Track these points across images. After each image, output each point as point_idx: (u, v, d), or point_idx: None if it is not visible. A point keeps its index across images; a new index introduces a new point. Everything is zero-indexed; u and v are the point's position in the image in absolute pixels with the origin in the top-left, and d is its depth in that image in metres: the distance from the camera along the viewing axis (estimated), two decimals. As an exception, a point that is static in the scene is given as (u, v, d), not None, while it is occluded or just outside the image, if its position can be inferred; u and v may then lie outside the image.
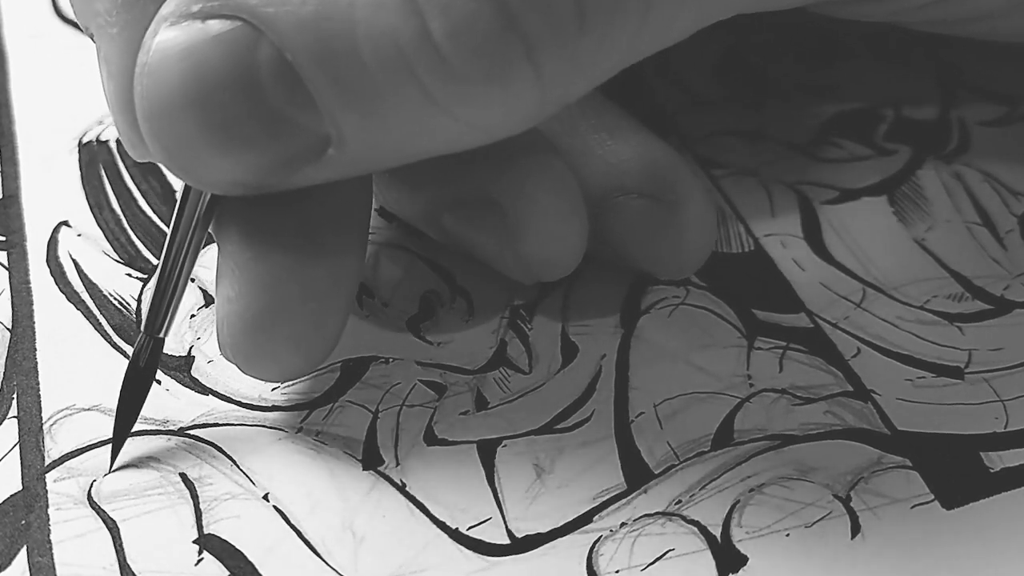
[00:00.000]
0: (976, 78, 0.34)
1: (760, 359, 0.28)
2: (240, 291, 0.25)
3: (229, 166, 0.22)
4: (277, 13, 0.21)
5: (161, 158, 0.23)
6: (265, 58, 0.21)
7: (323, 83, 0.21)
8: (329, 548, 0.25)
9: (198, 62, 0.22)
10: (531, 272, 0.27)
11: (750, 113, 0.33)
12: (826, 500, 0.25)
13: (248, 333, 0.25)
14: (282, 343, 0.25)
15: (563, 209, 0.26)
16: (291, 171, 0.23)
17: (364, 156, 0.23)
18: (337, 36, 0.21)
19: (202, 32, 0.22)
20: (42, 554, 0.25)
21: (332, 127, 0.22)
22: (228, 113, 0.22)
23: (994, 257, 0.30)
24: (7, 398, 0.27)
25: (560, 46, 0.22)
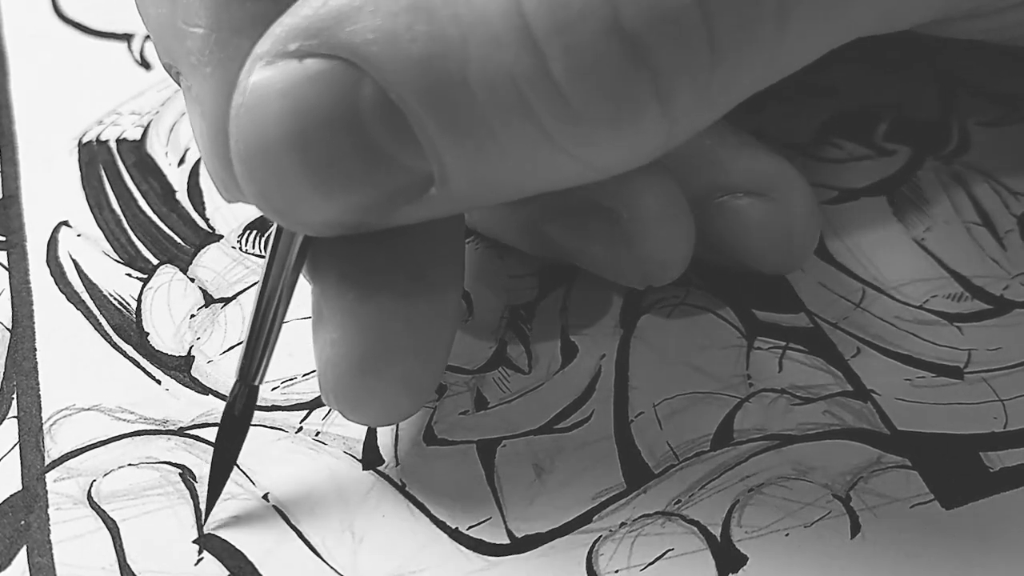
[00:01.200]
0: (976, 78, 0.34)
1: (760, 359, 0.28)
2: (344, 334, 0.24)
3: (328, 207, 0.22)
4: (382, 52, 0.21)
5: (257, 200, 0.22)
6: (367, 97, 0.21)
7: (430, 121, 0.21)
8: (329, 548, 0.25)
9: (297, 101, 0.21)
10: (645, 276, 0.27)
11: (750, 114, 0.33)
12: (825, 500, 0.25)
13: (356, 376, 0.24)
14: (391, 384, 0.24)
15: (673, 212, 0.26)
16: (391, 210, 0.22)
17: (467, 195, 0.22)
18: (448, 74, 0.20)
19: (300, 71, 0.21)
20: (42, 554, 0.25)
21: (436, 165, 0.21)
22: (328, 153, 0.21)
23: (993, 257, 0.30)
24: (7, 398, 0.27)
25: (692, 81, 0.21)
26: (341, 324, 0.24)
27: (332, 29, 0.21)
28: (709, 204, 0.27)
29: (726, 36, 0.21)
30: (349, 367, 0.24)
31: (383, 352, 0.24)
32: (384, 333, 0.24)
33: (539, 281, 0.29)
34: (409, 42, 0.20)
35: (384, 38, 0.21)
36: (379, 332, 0.24)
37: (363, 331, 0.24)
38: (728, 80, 0.21)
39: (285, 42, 0.21)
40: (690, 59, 0.21)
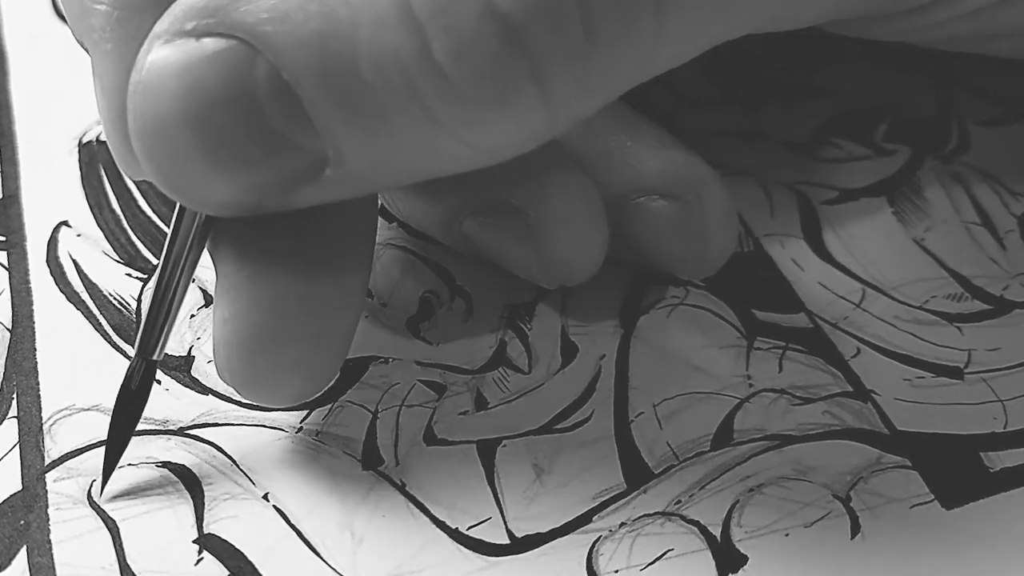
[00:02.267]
0: (975, 78, 0.34)
1: (759, 359, 0.28)
2: (237, 311, 0.24)
3: (224, 186, 0.22)
4: (275, 32, 0.21)
5: (155, 177, 0.22)
6: (262, 77, 0.21)
7: (323, 103, 0.21)
8: (329, 548, 0.25)
9: (193, 80, 0.21)
10: (554, 276, 0.27)
11: (749, 114, 0.33)
12: (826, 500, 0.25)
13: (246, 355, 0.24)
14: (283, 365, 0.24)
15: (583, 213, 0.26)
16: (288, 192, 0.22)
17: (364, 176, 0.22)
18: (338, 55, 0.21)
19: (197, 50, 0.21)
20: (42, 554, 0.25)
21: (330, 147, 0.21)
22: (223, 132, 0.21)
23: (993, 257, 0.30)
24: (7, 398, 0.27)
25: (568, 66, 0.21)
26: (234, 301, 0.24)
27: (227, 8, 0.21)
28: (625, 205, 0.27)
29: (602, 24, 0.21)
30: (241, 346, 0.24)
31: (275, 332, 0.24)
32: (277, 313, 0.24)
33: (539, 281, 0.29)
34: (301, 22, 0.21)
35: (277, 17, 0.21)
36: (272, 312, 0.24)
37: (256, 309, 0.24)
38: (606, 68, 0.22)
39: (183, 21, 0.21)
40: (565, 45, 0.21)
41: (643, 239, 0.27)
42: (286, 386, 0.25)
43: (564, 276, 0.27)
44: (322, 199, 0.23)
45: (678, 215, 0.27)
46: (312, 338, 0.24)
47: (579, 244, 0.26)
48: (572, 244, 0.26)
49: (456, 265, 0.30)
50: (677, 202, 0.27)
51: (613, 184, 0.27)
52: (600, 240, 0.26)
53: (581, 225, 0.26)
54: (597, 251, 0.26)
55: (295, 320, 0.24)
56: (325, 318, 0.24)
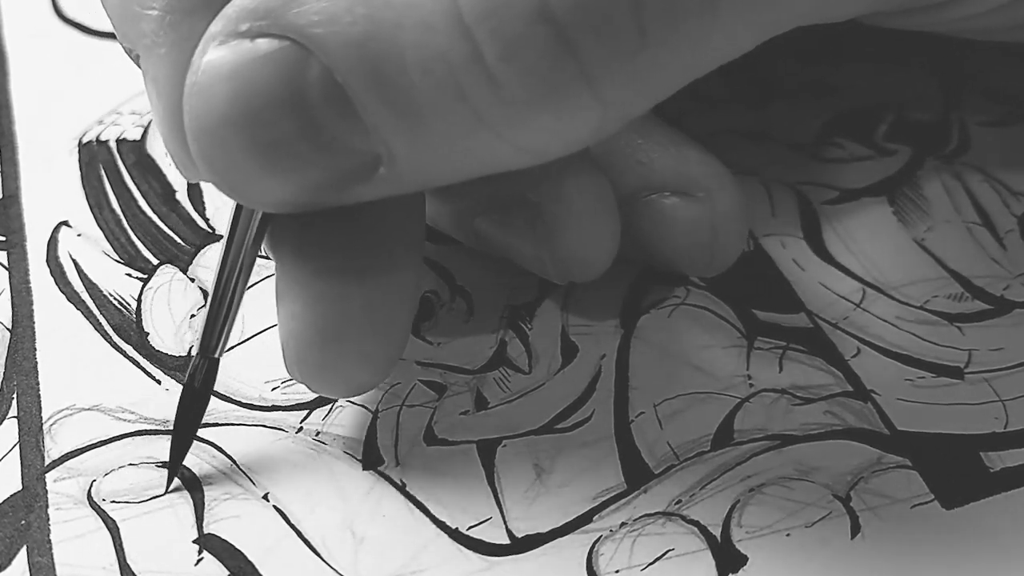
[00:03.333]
0: (976, 78, 0.34)
1: (760, 359, 0.28)
2: (304, 307, 0.24)
3: (279, 185, 0.22)
4: (326, 34, 0.21)
5: (211, 178, 0.22)
6: (314, 78, 0.21)
7: (373, 103, 0.21)
8: (329, 548, 0.25)
9: (247, 81, 0.21)
10: (566, 272, 0.27)
11: (753, 113, 0.33)
12: (826, 500, 0.25)
13: (316, 348, 0.24)
14: (350, 357, 0.25)
15: (597, 209, 0.26)
16: (342, 190, 0.22)
17: (416, 176, 0.22)
18: (386, 57, 0.21)
19: (251, 51, 0.21)
20: (42, 554, 0.25)
21: (382, 147, 0.22)
22: (277, 132, 0.21)
23: (994, 257, 0.30)
24: (7, 398, 0.27)
25: (619, 66, 0.21)
26: (300, 297, 0.24)
27: (280, 10, 0.21)
28: (637, 202, 0.27)
29: (654, 21, 0.21)
30: (310, 340, 0.24)
31: (342, 325, 0.24)
32: (342, 307, 0.24)
33: (539, 281, 0.29)
34: (349, 24, 0.21)
35: (327, 19, 0.21)
36: (337, 306, 0.24)
37: (322, 305, 0.24)
38: (658, 67, 0.21)
39: (237, 22, 0.21)
40: (618, 45, 0.21)
41: (654, 236, 0.27)
42: (352, 378, 0.25)
43: (576, 272, 0.27)
44: (376, 196, 0.23)
45: (689, 213, 0.27)
46: (374, 332, 0.25)
47: (592, 241, 0.26)
48: (585, 241, 0.26)
49: (456, 265, 0.30)
50: (688, 200, 0.27)
51: (625, 181, 0.27)
52: (612, 237, 0.26)
53: (594, 222, 0.26)
54: (609, 248, 0.26)
55: (358, 315, 0.24)
56: (384, 312, 0.25)
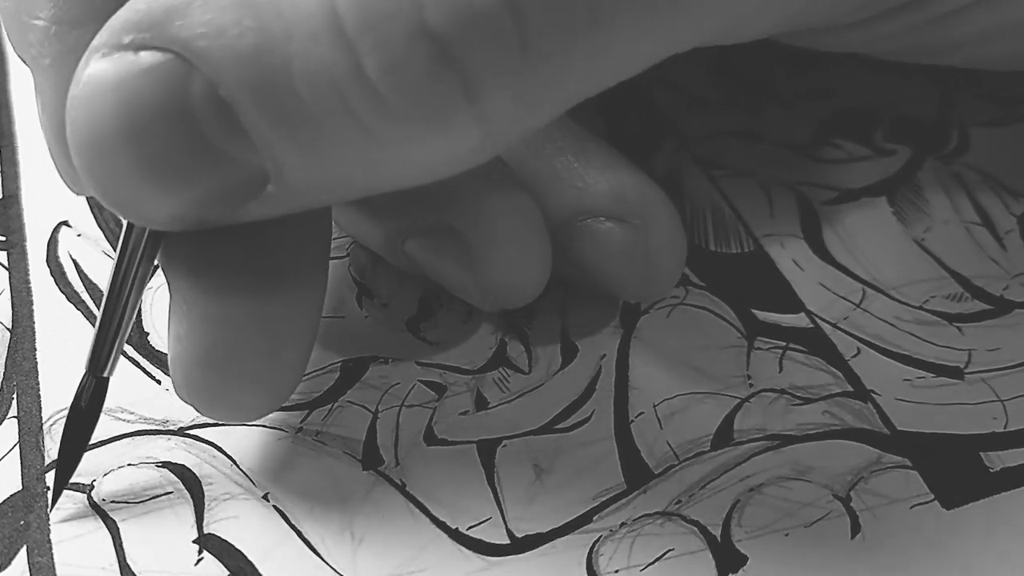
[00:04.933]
0: (976, 79, 0.34)
1: (760, 359, 0.28)
2: (190, 328, 0.24)
3: (165, 201, 0.22)
4: (210, 47, 0.20)
5: (96, 192, 0.22)
6: (198, 92, 0.21)
7: (258, 118, 0.21)
8: (329, 548, 0.25)
9: (130, 94, 0.21)
10: (494, 299, 0.27)
11: (749, 114, 0.33)
12: (825, 500, 0.25)
13: (200, 372, 0.24)
14: (237, 382, 0.24)
15: (524, 236, 0.26)
16: (232, 207, 0.22)
17: (305, 192, 0.22)
18: (273, 71, 0.20)
19: (134, 64, 0.21)
20: (42, 554, 0.25)
21: (270, 162, 0.21)
22: (161, 147, 0.21)
23: (993, 257, 0.30)
24: (7, 398, 0.27)
25: (503, 82, 0.20)
26: (187, 317, 0.24)
27: (164, 22, 0.21)
28: (572, 226, 0.26)
29: (537, 38, 0.20)
30: (194, 363, 0.24)
31: (228, 348, 0.24)
32: (229, 329, 0.24)
33: (539, 281, 0.29)
34: (236, 37, 0.20)
35: (213, 32, 0.20)
36: (226, 328, 0.24)
37: (208, 326, 0.24)
38: (544, 84, 0.21)
39: (120, 35, 0.21)
40: (500, 61, 0.20)
41: (589, 261, 0.27)
42: (242, 402, 0.25)
43: (504, 299, 0.26)
44: (267, 214, 0.22)
45: (624, 238, 0.26)
46: (266, 354, 0.24)
47: (519, 268, 0.26)
48: (511, 268, 0.26)
49: (456, 265, 0.30)
50: (624, 225, 0.26)
51: (560, 205, 0.26)
52: (540, 264, 0.26)
53: (521, 249, 0.26)
54: (537, 275, 0.26)
55: (248, 336, 0.24)
56: (279, 333, 0.24)
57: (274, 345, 0.24)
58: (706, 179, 0.32)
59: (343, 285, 0.29)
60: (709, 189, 0.31)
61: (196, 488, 0.26)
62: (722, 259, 0.30)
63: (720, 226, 0.31)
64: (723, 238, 0.30)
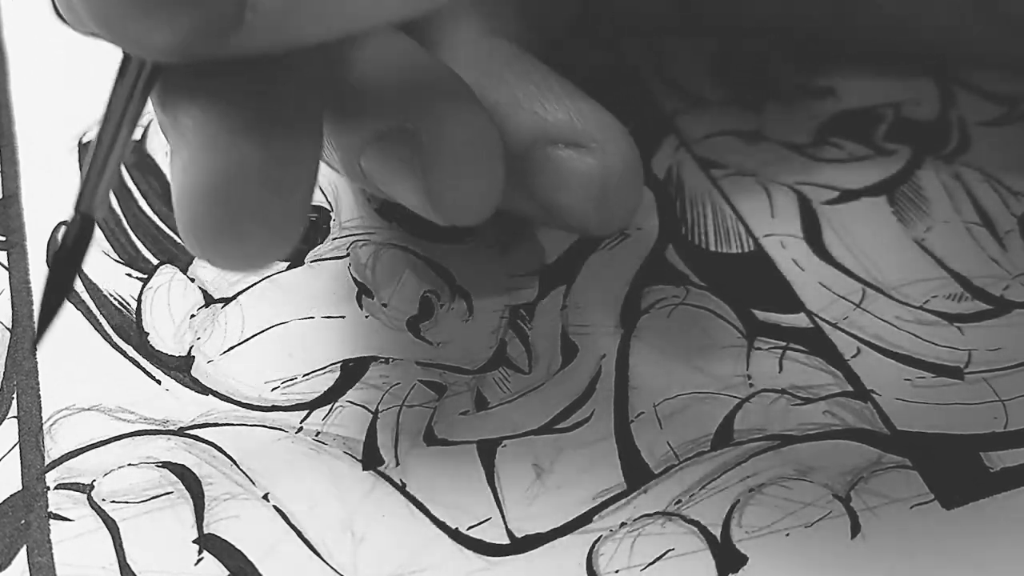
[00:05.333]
0: (976, 78, 0.34)
1: (760, 359, 0.28)
2: (191, 157, 0.23)
3: (154, 28, 0.22)
4: None
5: (87, 16, 0.22)
6: None
7: None
8: (329, 548, 0.25)
9: None
10: (445, 210, 0.26)
11: (749, 114, 0.33)
12: (826, 500, 0.25)
13: (206, 205, 0.23)
14: (247, 214, 0.23)
15: (476, 145, 0.26)
16: (217, 37, 0.22)
17: (282, 22, 0.22)
18: None
19: None
20: (42, 554, 0.25)
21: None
22: None
23: (994, 257, 0.30)
24: (7, 398, 0.27)
25: None
26: (190, 145, 0.23)
27: None
28: (532, 154, 0.27)
29: None
30: (201, 194, 0.23)
31: (234, 177, 0.23)
32: (235, 156, 0.23)
33: (539, 281, 0.29)
34: None
35: None
36: (229, 155, 0.23)
37: (213, 153, 0.23)
38: None
39: None
40: None
41: (548, 190, 0.27)
42: (248, 240, 0.23)
43: (453, 212, 0.26)
44: (251, 48, 0.22)
45: (582, 165, 0.27)
46: (270, 188, 0.23)
47: (468, 176, 0.26)
48: (462, 173, 0.26)
49: (456, 265, 0.30)
50: (581, 151, 0.27)
51: (520, 132, 0.27)
52: (491, 176, 0.26)
53: (473, 156, 0.26)
54: (487, 187, 0.26)
55: (251, 165, 0.23)
56: (281, 169, 0.24)
57: (277, 180, 0.23)
58: (706, 179, 0.32)
59: (343, 285, 0.29)
60: (709, 189, 0.31)
61: (196, 488, 0.26)
62: (722, 259, 0.30)
63: (720, 226, 0.31)
64: (723, 238, 0.30)
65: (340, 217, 0.31)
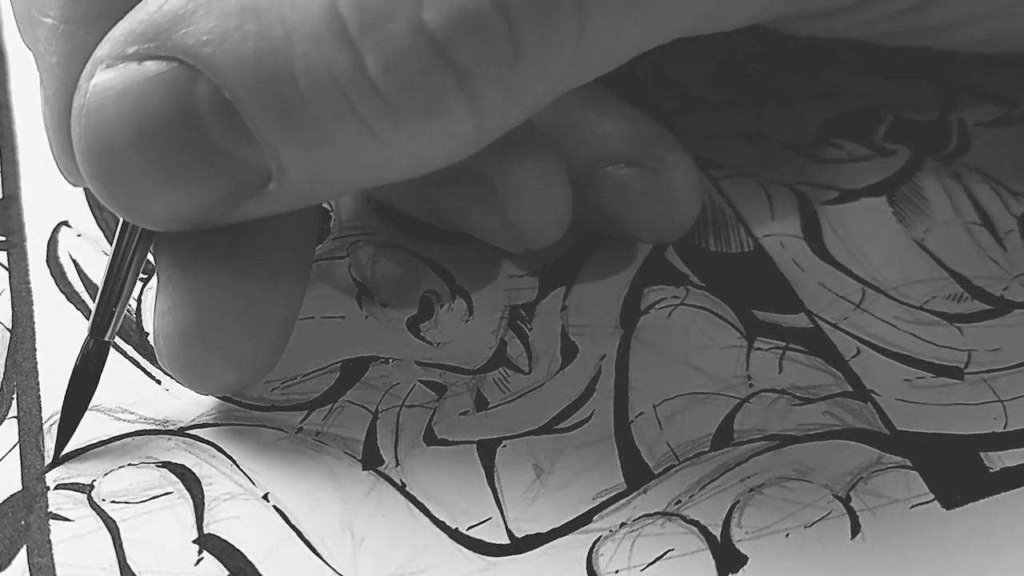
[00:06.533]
0: (975, 79, 0.34)
1: (760, 359, 0.28)
2: (172, 305, 0.25)
3: (169, 203, 0.23)
4: (215, 53, 0.22)
5: (100, 195, 0.23)
6: (203, 96, 0.22)
7: (262, 118, 0.22)
8: (329, 548, 0.25)
9: (136, 103, 0.22)
10: (520, 240, 0.28)
11: (749, 115, 0.33)
12: (826, 500, 0.25)
13: (181, 346, 0.25)
14: (215, 355, 0.25)
15: (544, 177, 0.27)
16: (232, 206, 0.23)
17: (305, 189, 0.23)
18: (275, 72, 0.21)
19: (139, 73, 0.22)
20: (42, 554, 0.25)
21: (272, 160, 0.22)
22: (168, 151, 0.22)
23: (993, 257, 0.30)
24: (7, 398, 0.27)
25: (495, 76, 0.22)
26: (172, 295, 0.25)
27: (168, 32, 0.22)
28: (593, 173, 0.28)
29: (526, 35, 0.22)
30: (176, 337, 0.25)
31: (206, 324, 0.25)
32: (208, 306, 0.25)
33: (539, 281, 0.29)
34: (239, 42, 0.22)
35: (217, 39, 0.22)
36: (204, 305, 0.25)
37: (189, 303, 0.25)
38: (532, 77, 0.22)
39: (124, 45, 0.22)
40: (491, 57, 0.22)
41: (611, 206, 0.28)
42: (217, 375, 0.26)
43: (529, 239, 0.28)
44: (266, 212, 0.23)
45: (644, 182, 0.28)
46: (243, 331, 0.25)
47: (541, 208, 0.27)
48: (534, 208, 0.27)
49: (456, 265, 0.30)
50: (643, 169, 0.28)
51: (581, 154, 0.28)
52: (561, 204, 0.27)
53: (543, 190, 0.27)
54: (559, 215, 0.27)
55: (225, 315, 0.25)
56: (256, 315, 0.25)
57: (251, 326, 0.25)
58: (706, 179, 0.32)
59: (343, 285, 0.29)
60: (709, 189, 0.31)
61: (196, 488, 0.26)
62: (722, 259, 0.30)
63: (720, 226, 0.31)
64: (723, 238, 0.30)
65: (340, 217, 0.31)
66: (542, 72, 0.22)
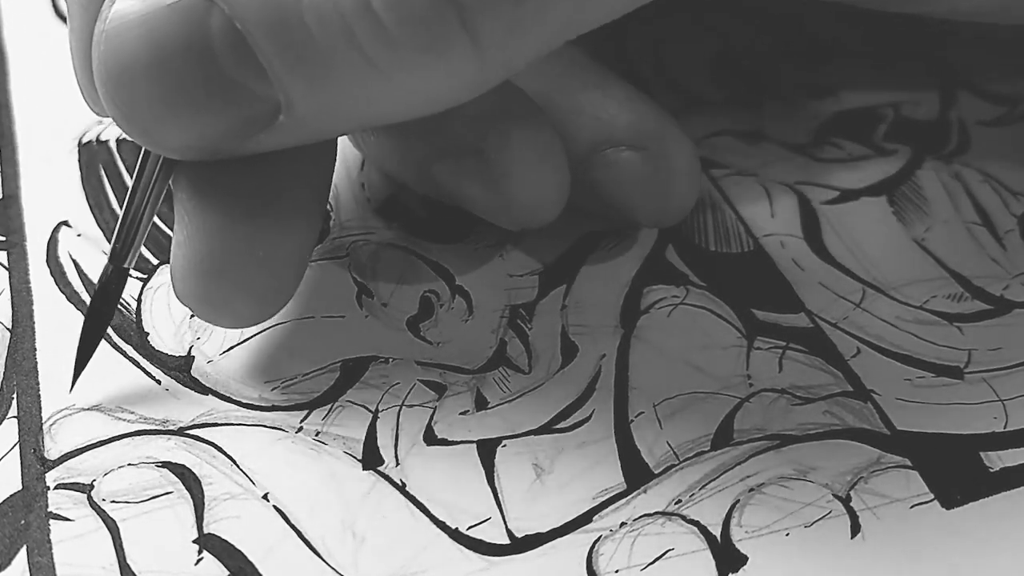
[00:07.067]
0: (975, 78, 0.34)
1: (760, 359, 0.28)
2: (189, 235, 0.25)
3: (183, 131, 0.23)
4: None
5: (117, 120, 0.24)
6: (217, 27, 0.22)
7: (271, 51, 0.22)
8: (329, 548, 0.25)
9: (153, 30, 0.22)
10: (517, 218, 0.28)
11: (749, 114, 0.33)
12: (826, 500, 0.25)
13: (197, 277, 0.25)
14: (228, 287, 0.26)
15: (542, 156, 0.27)
16: (244, 137, 0.23)
17: (314, 122, 0.23)
18: (286, 7, 0.22)
19: (157, 2, 0.23)
20: (42, 554, 0.25)
21: (282, 93, 0.23)
22: (182, 80, 0.23)
23: (993, 257, 0.30)
24: (7, 398, 0.27)
25: (497, 17, 0.22)
26: (188, 225, 0.25)
27: None
28: (594, 156, 0.28)
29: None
30: (192, 268, 0.25)
31: (223, 255, 0.25)
32: (225, 237, 0.25)
33: (539, 281, 0.29)
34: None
35: None
36: (220, 236, 0.25)
37: (206, 234, 0.25)
38: (536, 20, 0.22)
39: None
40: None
41: (611, 189, 0.29)
42: (235, 308, 0.26)
43: (526, 218, 0.28)
44: (276, 145, 0.24)
45: (644, 165, 0.28)
46: (256, 264, 0.26)
47: (538, 186, 0.27)
48: (532, 186, 0.27)
49: (456, 265, 0.30)
50: (643, 153, 0.28)
51: (582, 136, 0.28)
52: (559, 184, 0.27)
53: (539, 168, 0.27)
54: (556, 194, 0.28)
55: (240, 246, 0.25)
56: (270, 248, 0.26)
57: (264, 260, 0.26)
58: (706, 179, 0.32)
59: (343, 285, 0.29)
60: (709, 189, 0.31)
61: (196, 488, 0.26)
62: (722, 259, 0.30)
63: (720, 226, 0.31)
64: (723, 238, 0.30)
65: (340, 217, 0.31)
66: (546, 14, 0.23)
